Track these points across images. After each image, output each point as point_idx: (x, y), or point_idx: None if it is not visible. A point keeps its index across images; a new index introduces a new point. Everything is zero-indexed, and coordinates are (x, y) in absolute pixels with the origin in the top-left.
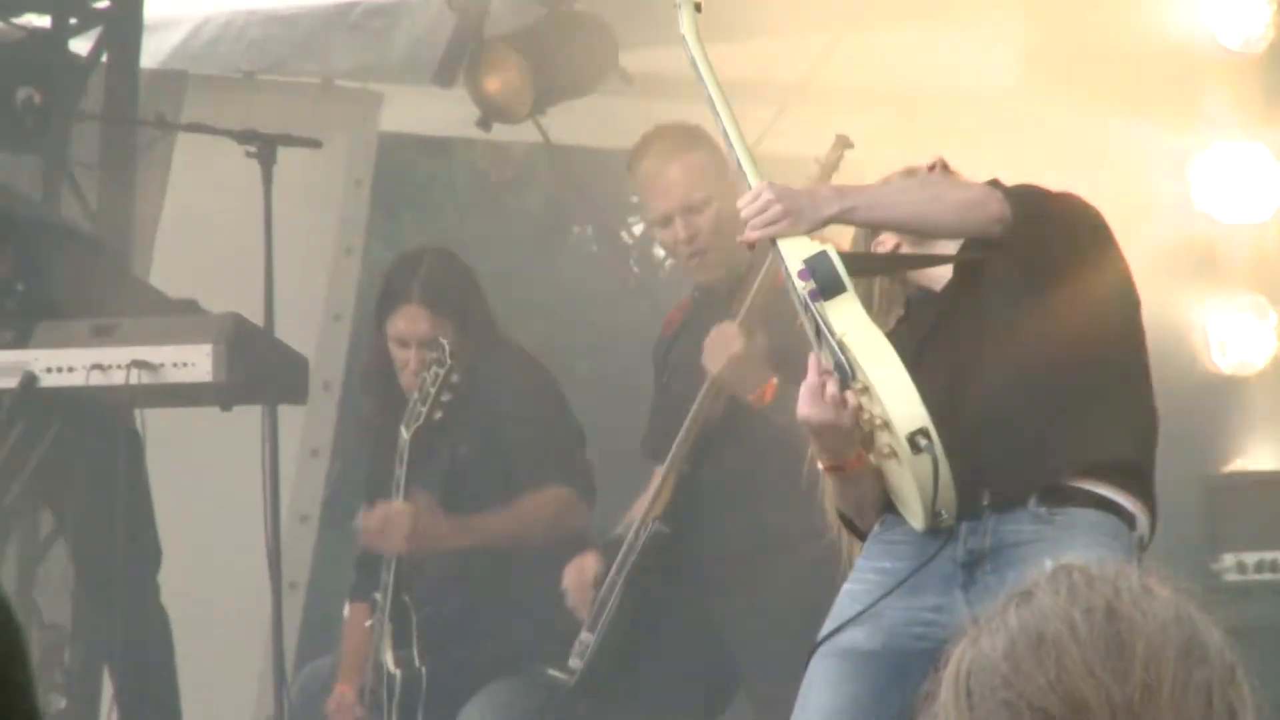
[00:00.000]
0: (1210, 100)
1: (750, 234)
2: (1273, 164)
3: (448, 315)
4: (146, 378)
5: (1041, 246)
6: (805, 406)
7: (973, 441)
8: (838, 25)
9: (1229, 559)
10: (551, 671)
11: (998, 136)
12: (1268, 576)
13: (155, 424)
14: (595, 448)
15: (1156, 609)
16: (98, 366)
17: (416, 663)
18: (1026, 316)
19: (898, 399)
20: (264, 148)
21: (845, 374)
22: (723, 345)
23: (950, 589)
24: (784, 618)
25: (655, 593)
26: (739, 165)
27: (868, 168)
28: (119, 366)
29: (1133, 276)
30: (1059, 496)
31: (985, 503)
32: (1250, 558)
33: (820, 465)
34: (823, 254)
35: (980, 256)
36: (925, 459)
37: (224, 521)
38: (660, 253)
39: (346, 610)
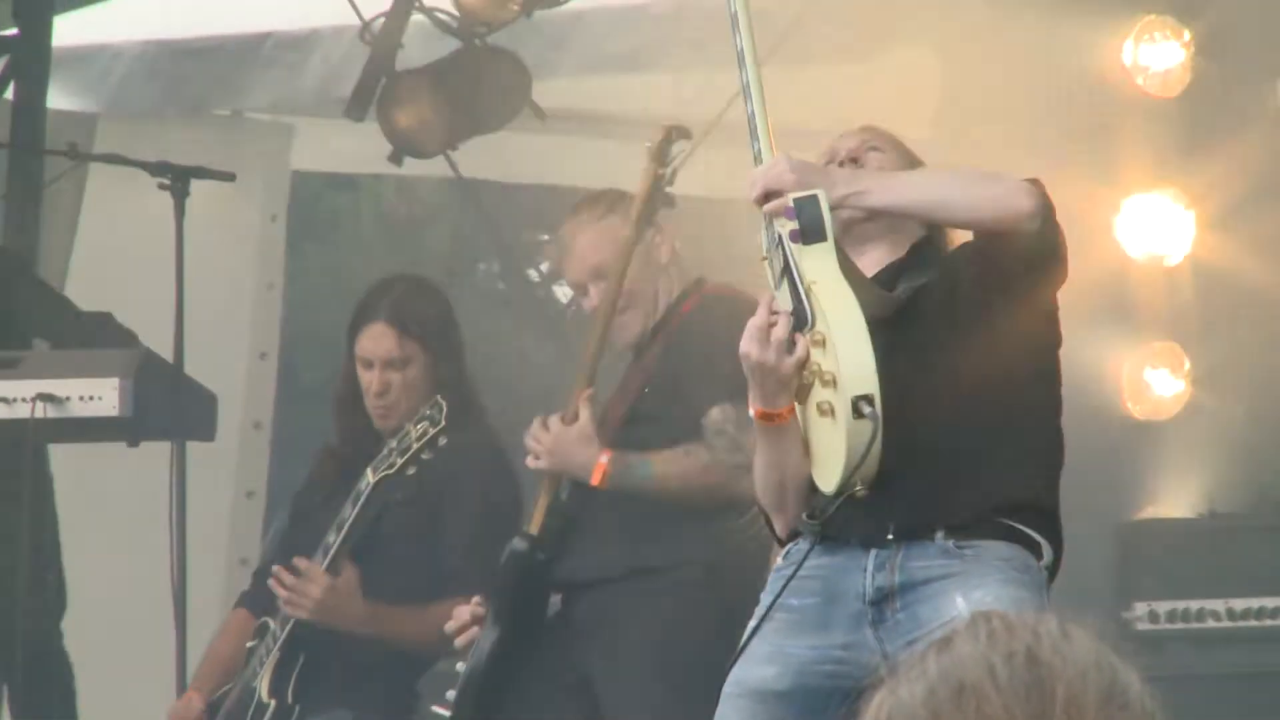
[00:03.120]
0: (1126, 143)
1: (754, 190)
2: (1186, 209)
3: (415, 337)
4: (52, 411)
5: (1039, 264)
6: (748, 343)
7: (883, 471)
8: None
9: (1141, 608)
10: (434, 709)
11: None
12: (1179, 626)
13: (66, 461)
14: None
15: (1077, 654)
16: (2, 400)
17: (290, 699)
18: (957, 349)
19: (852, 359)
20: (177, 180)
21: (804, 320)
22: (539, 438)
23: (859, 626)
24: (646, 657)
25: (519, 618)
26: (754, 132)
27: None
28: (24, 400)
29: (1058, 315)
30: (967, 530)
31: (890, 535)
32: (1162, 606)
33: (750, 412)
34: (813, 197)
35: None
36: (865, 425)
37: (134, 563)
38: (567, 290)
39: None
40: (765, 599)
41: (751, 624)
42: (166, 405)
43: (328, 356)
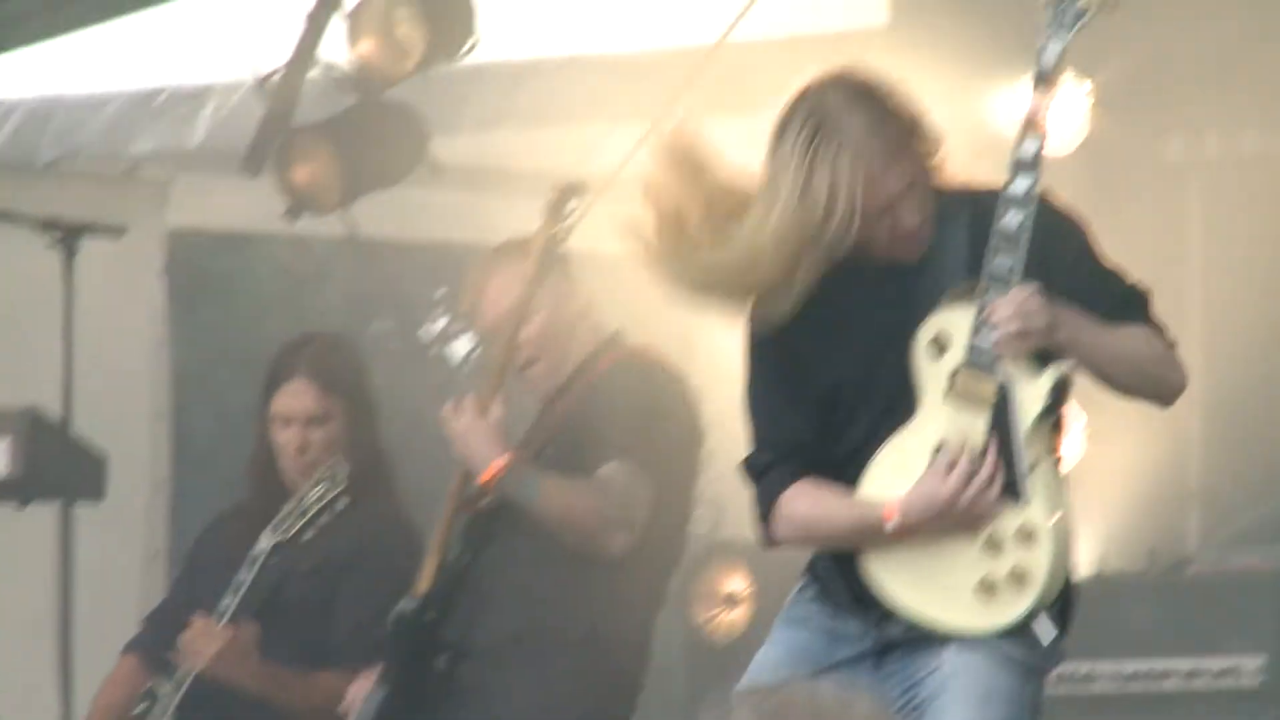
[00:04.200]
0: None
1: (1012, 325)
2: None
3: (336, 393)
4: None
5: None
6: (960, 488)
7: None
8: (650, 115)
9: None
10: None
11: None
12: (1065, 691)
13: None
14: None
15: None
16: None
17: None
18: None
19: (1059, 575)
20: (67, 235)
21: (1017, 490)
22: (449, 421)
23: (860, 662)
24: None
25: (406, 678)
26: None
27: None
28: None
29: None
30: None
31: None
32: (1061, 670)
33: (888, 518)
34: (1069, 378)
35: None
36: (1017, 625)
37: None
38: (460, 351)
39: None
40: (779, 627)
41: (764, 648)
42: (55, 465)
43: (223, 416)
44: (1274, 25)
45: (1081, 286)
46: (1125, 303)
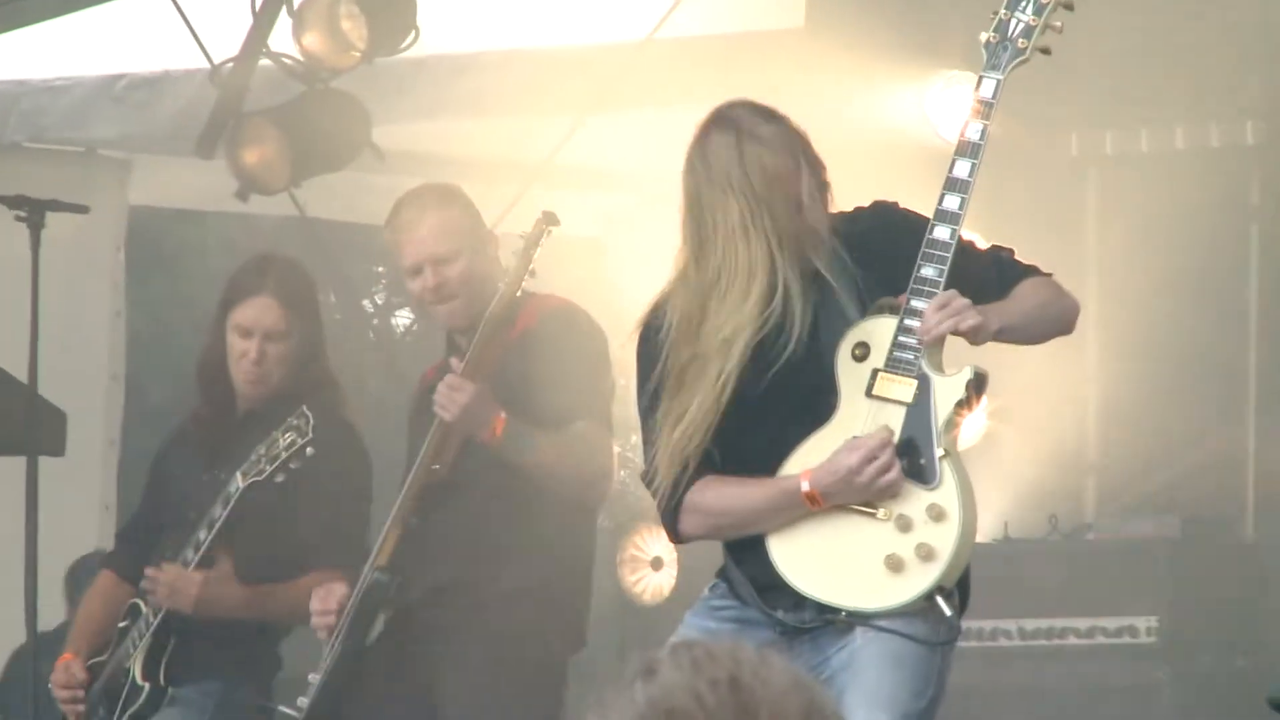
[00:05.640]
0: (926, 191)
1: (940, 327)
2: None
3: (297, 314)
4: None
5: None
6: (861, 464)
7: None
8: (580, 107)
9: None
10: (283, 709)
11: None
12: (973, 644)
13: None
14: None
15: (775, 677)
16: None
17: (163, 681)
18: None
19: (963, 556)
20: (33, 212)
21: (927, 475)
22: (453, 395)
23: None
24: (491, 683)
25: (372, 645)
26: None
27: (611, 244)
28: None
29: None
30: None
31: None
32: (969, 626)
33: (803, 482)
34: (984, 374)
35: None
36: (919, 603)
37: None
38: (400, 322)
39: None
40: (688, 618)
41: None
42: (18, 422)
43: (175, 379)
44: (1166, 33)
45: (970, 272)
46: (1002, 266)
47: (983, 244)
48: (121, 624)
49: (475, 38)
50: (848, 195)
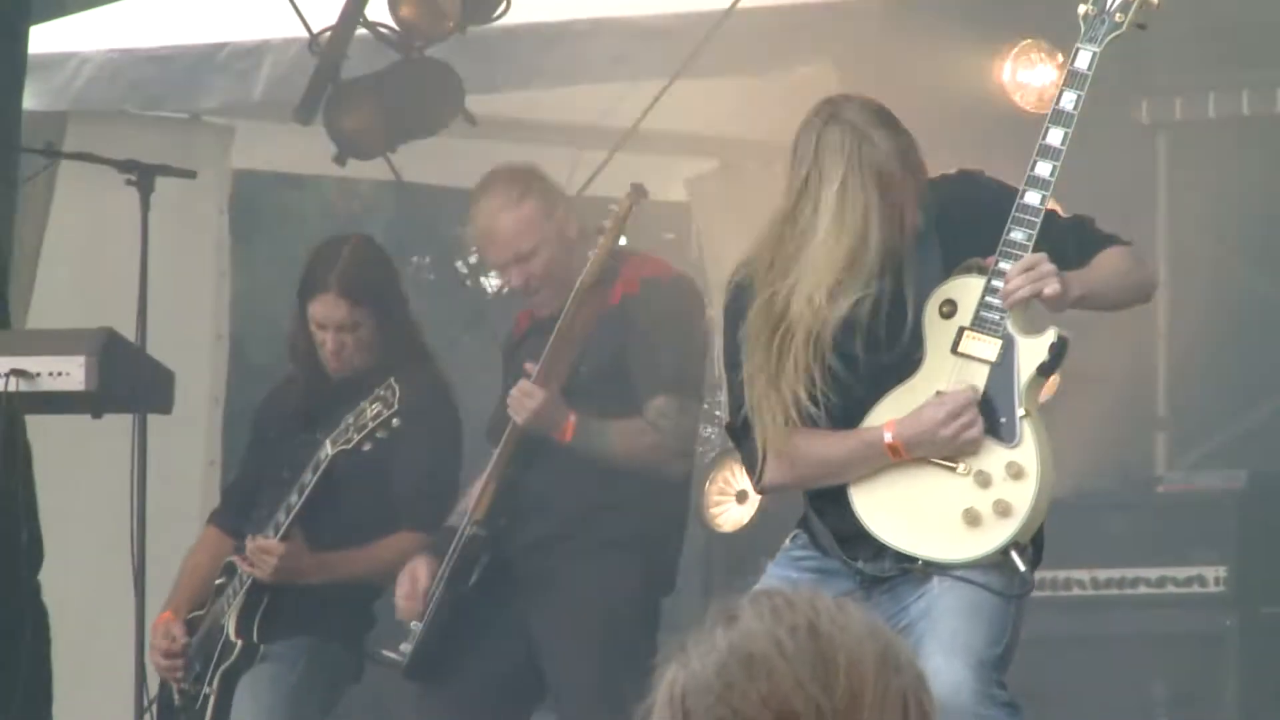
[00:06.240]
0: (1004, 155)
1: (1021, 292)
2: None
3: (366, 304)
4: (24, 385)
5: None
6: (948, 421)
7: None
8: (667, 74)
9: None
10: (385, 652)
11: None
12: (1062, 593)
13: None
14: None
15: (852, 625)
16: None
17: (256, 638)
18: None
19: (1041, 510)
20: (143, 177)
21: (1008, 434)
22: (524, 401)
23: (848, 596)
24: (587, 625)
25: (471, 593)
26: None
27: (697, 209)
28: None
29: None
30: None
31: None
32: (1043, 576)
33: (887, 434)
34: (1066, 339)
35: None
36: (995, 557)
37: (99, 529)
38: (491, 283)
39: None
40: (771, 569)
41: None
42: (128, 381)
43: (276, 338)
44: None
45: (1052, 238)
46: (1084, 234)
47: (1064, 213)
48: (219, 580)
49: (564, 7)
50: (934, 158)
